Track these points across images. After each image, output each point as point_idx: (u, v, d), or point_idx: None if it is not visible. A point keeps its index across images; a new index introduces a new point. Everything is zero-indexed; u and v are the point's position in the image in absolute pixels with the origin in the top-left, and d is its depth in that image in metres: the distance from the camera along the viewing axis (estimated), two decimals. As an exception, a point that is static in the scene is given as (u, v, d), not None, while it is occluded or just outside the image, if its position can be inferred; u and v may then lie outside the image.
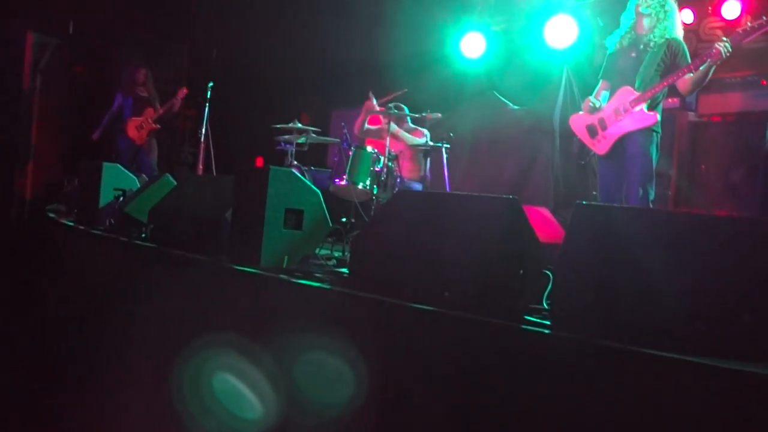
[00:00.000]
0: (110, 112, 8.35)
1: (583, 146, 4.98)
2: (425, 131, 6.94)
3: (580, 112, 5.04)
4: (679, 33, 4.81)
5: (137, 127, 8.21)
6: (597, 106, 4.86)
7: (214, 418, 3.51)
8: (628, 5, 4.92)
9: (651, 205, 4.60)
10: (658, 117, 4.62)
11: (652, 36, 4.73)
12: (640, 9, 4.75)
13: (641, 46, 4.77)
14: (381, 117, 6.73)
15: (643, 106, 4.64)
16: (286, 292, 3.36)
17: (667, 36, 4.72)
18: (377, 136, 6.72)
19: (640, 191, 4.55)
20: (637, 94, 4.67)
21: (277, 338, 3.28)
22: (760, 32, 4.40)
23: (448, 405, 2.56)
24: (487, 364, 2.47)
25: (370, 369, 2.88)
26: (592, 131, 4.89)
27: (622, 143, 4.74)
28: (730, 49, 4.39)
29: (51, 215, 6.71)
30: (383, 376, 2.83)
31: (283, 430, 3.15)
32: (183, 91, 8.25)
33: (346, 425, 2.88)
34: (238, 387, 3.42)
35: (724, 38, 4.42)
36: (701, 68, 4.51)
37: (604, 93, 4.97)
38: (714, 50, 4.41)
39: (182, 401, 3.68)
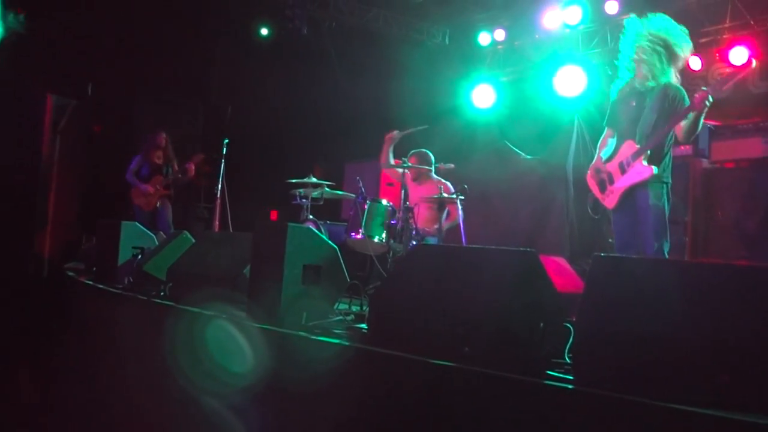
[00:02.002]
0: (130, 171, 8.49)
1: (596, 201, 5.00)
2: (449, 184, 6.98)
3: (592, 165, 5.07)
4: (676, 77, 4.74)
5: (144, 195, 8.38)
6: (603, 161, 4.90)
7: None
8: (620, 52, 4.88)
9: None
10: (655, 170, 4.58)
11: (650, 84, 4.68)
12: (634, 56, 4.70)
13: (640, 96, 4.75)
14: (401, 171, 6.81)
15: (642, 160, 4.64)
16: (306, 348, 3.36)
17: (662, 81, 4.67)
18: (397, 177, 6.79)
19: (655, 245, 4.50)
20: (636, 147, 4.67)
21: (297, 395, 3.28)
22: (734, 80, 4.48)
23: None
24: (508, 421, 2.44)
25: (388, 424, 2.86)
26: (601, 185, 4.93)
27: (631, 196, 4.71)
28: (712, 99, 4.37)
29: (70, 274, 6.76)
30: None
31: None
32: (198, 157, 8.44)
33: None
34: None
35: (704, 87, 4.41)
36: (690, 116, 4.50)
37: (611, 141, 4.99)
38: (695, 99, 4.41)
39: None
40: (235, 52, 10.27)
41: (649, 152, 4.62)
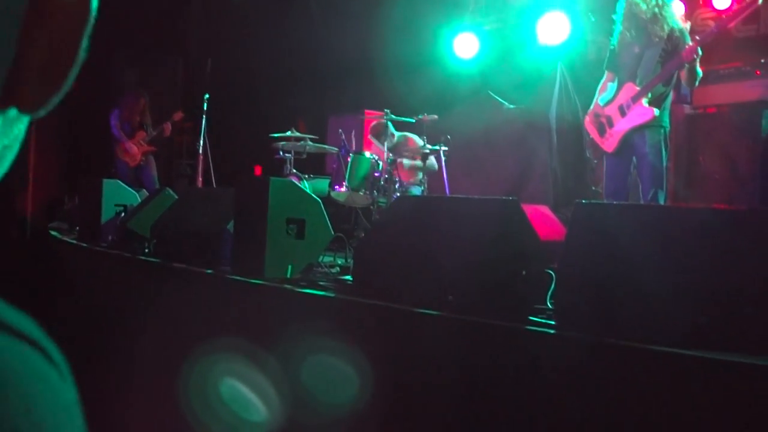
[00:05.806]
0: (114, 126, 8.35)
1: (595, 145, 5.01)
2: (415, 137, 6.95)
3: (590, 110, 5.05)
4: (680, 20, 4.76)
5: (129, 151, 8.26)
6: (602, 105, 4.89)
7: (221, 422, 3.52)
8: (617, 3, 4.88)
9: None
10: (656, 112, 4.58)
11: (655, 29, 4.65)
12: (638, 7, 4.68)
13: (644, 41, 4.71)
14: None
15: (643, 101, 4.64)
16: (291, 301, 3.38)
17: (670, 25, 4.65)
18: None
19: (651, 192, 4.54)
20: (637, 89, 4.67)
21: (282, 346, 3.30)
22: (720, 29, 4.56)
23: (453, 407, 2.57)
24: (492, 366, 2.48)
25: (375, 373, 2.89)
26: (600, 129, 4.90)
27: (629, 141, 4.70)
28: (701, 52, 4.44)
29: (53, 233, 6.73)
30: (388, 381, 2.84)
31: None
32: (178, 115, 8.28)
33: (351, 428, 2.89)
34: (245, 391, 3.43)
35: (697, 37, 4.48)
36: (685, 66, 4.55)
37: (610, 85, 4.95)
38: (685, 51, 4.46)
39: (189, 408, 3.70)
40: (213, 4, 10.07)
41: (650, 95, 4.62)
